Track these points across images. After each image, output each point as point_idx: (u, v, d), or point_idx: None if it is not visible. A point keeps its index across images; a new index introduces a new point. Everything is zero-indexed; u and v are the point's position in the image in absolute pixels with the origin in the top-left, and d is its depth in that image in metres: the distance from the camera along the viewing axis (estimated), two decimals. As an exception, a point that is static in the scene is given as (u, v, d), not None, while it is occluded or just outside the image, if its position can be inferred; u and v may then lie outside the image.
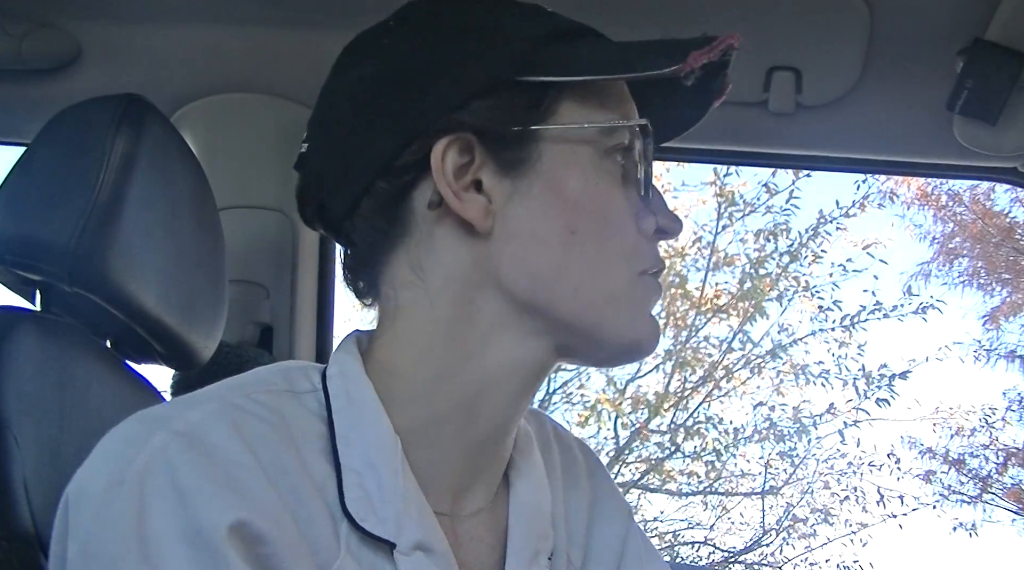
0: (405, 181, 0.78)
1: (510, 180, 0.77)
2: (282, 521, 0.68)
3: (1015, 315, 7.99)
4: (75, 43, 1.43)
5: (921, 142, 1.42)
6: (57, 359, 0.98)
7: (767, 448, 7.72)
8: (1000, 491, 7.76)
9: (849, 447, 7.64)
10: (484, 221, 0.77)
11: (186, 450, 0.67)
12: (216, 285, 1.18)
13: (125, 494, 0.65)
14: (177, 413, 0.70)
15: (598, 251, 0.78)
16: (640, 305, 0.80)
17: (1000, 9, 1.19)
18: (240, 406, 0.71)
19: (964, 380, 10.46)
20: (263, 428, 0.71)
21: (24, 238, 1.00)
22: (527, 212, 0.77)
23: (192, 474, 0.66)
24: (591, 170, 0.78)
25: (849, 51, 1.27)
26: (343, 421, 0.75)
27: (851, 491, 7.74)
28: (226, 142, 1.52)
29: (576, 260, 0.77)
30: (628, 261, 0.79)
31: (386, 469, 0.74)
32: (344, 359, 0.79)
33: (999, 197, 7.73)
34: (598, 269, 0.78)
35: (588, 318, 0.78)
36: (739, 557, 7.67)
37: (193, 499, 0.65)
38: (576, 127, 0.78)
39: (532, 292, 0.78)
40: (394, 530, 0.72)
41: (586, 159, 0.78)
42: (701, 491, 7.85)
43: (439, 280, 0.79)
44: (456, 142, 0.77)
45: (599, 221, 0.78)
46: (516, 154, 0.77)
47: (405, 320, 0.80)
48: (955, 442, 7.90)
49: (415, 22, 0.84)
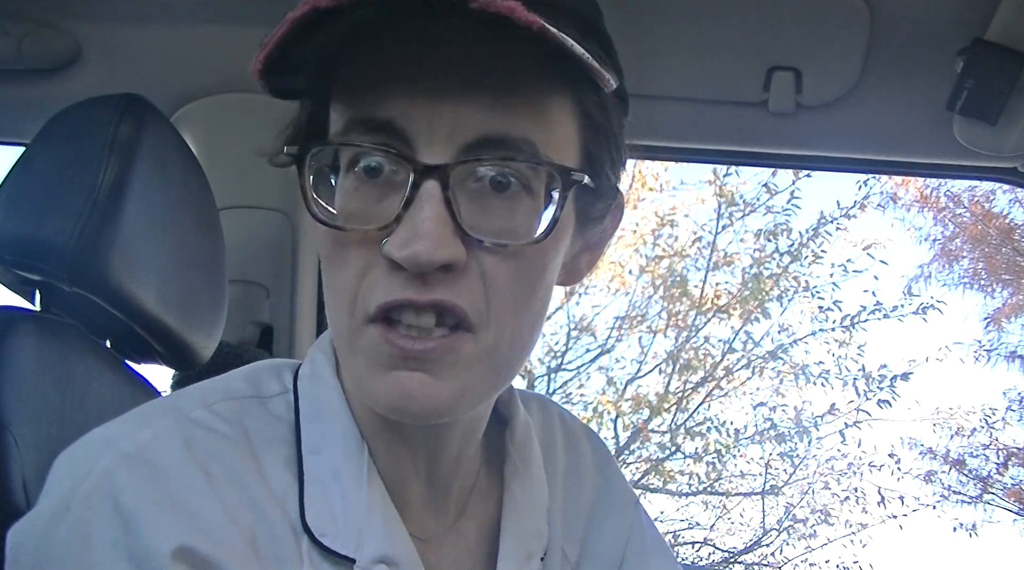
0: None
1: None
2: (233, 543, 0.65)
3: (1016, 316, 7.99)
4: (75, 43, 1.43)
5: (921, 142, 1.42)
6: (57, 359, 0.98)
7: (767, 448, 7.73)
8: (1001, 491, 7.76)
9: (849, 447, 7.64)
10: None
11: (131, 473, 0.64)
12: (216, 285, 1.18)
13: (69, 521, 0.63)
14: (128, 433, 0.67)
15: (328, 291, 0.70)
16: (366, 362, 0.67)
17: (1000, 9, 1.19)
18: (196, 420, 0.69)
19: (964, 380, 10.46)
20: (219, 443, 0.68)
21: (24, 238, 1.00)
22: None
23: (136, 498, 0.63)
24: (308, 197, 0.69)
25: (849, 51, 1.27)
26: (310, 427, 0.73)
27: (851, 491, 7.74)
28: (226, 142, 1.52)
29: (326, 297, 0.71)
30: (347, 303, 0.67)
31: (351, 480, 0.71)
32: (318, 358, 0.77)
33: (998, 198, 7.74)
34: (330, 312, 0.71)
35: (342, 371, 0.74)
36: (739, 557, 7.67)
37: (137, 523, 0.62)
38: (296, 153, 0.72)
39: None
40: (354, 545, 0.70)
41: (305, 184, 0.70)
42: (701, 491, 7.84)
43: None
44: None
45: (325, 257, 0.70)
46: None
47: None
48: (955, 442, 7.90)
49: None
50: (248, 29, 1.45)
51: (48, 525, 0.64)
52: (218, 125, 1.52)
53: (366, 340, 0.67)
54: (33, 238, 1.00)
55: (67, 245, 0.98)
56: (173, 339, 1.09)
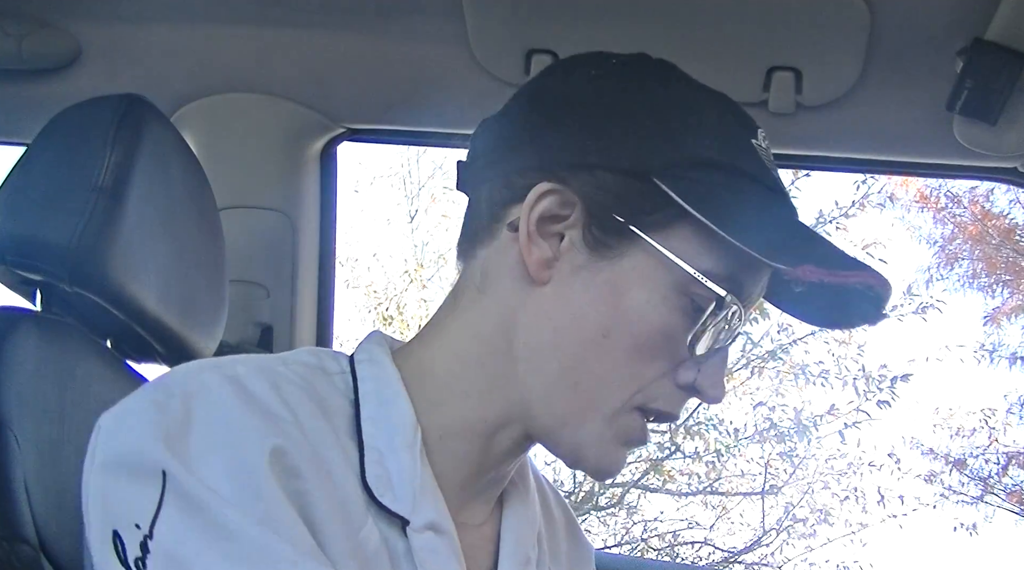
0: (517, 191, 0.79)
1: (588, 255, 0.77)
2: (318, 466, 0.71)
3: (1015, 316, 7.99)
4: (75, 43, 1.43)
5: (921, 142, 1.42)
6: (57, 359, 0.98)
7: (767, 448, 7.72)
8: (1001, 492, 7.76)
9: (849, 447, 7.64)
10: (538, 271, 0.78)
11: (232, 389, 0.70)
12: (216, 285, 1.18)
13: (173, 406, 0.69)
14: (224, 363, 0.74)
15: (615, 367, 0.77)
16: (614, 435, 0.79)
17: (1000, 9, 1.19)
18: (279, 372, 0.74)
19: (964, 381, 10.46)
20: (300, 393, 0.74)
21: (24, 238, 1.01)
22: (582, 293, 0.77)
23: (237, 407, 0.69)
24: (658, 295, 0.76)
25: (849, 51, 1.27)
26: (369, 403, 0.78)
27: (851, 491, 7.74)
28: (226, 142, 1.52)
29: (592, 363, 0.77)
30: (632, 389, 0.78)
31: (405, 452, 0.76)
32: (372, 349, 0.82)
33: (998, 199, 7.74)
34: (604, 381, 0.78)
35: (560, 416, 0.79)
36: (739, 557, 7.66)
37: (236, 425, 0.68)
38: (667, 254, 0.76)
39: (537, 365, 0.78)
40: (409, 508, 0.75)
41: (661, 284, 0.76)
42: (701, 491, 7.84)
43: (493, 299, 0.80)
44: (558, 194, 0.77)
45: (634, 342, 0.77)
46: (607, 239, 0.77)
47: (457, 322, 0.82)
48: (955, 442, 7.90)
49: (633, 73, 0.83)
50: (248, 29, 1.46)
51: (148, 408, 0.69)
52: (218, 125, 1.52)
53: (628, 421, 0.79)
54: (34, 238, 1.00)
55: (67, 245, 0.98)
56: (173, 339, 1.09)
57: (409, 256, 8.11)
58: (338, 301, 1.67)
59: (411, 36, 1.39)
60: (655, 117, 0.79)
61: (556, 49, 1.32)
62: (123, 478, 0.67)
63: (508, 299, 0.80)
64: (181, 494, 0.65)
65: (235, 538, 0.64)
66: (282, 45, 1.44)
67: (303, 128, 1.54)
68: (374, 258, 8.11)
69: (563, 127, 0.80)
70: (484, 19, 1.31)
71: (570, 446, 0.80)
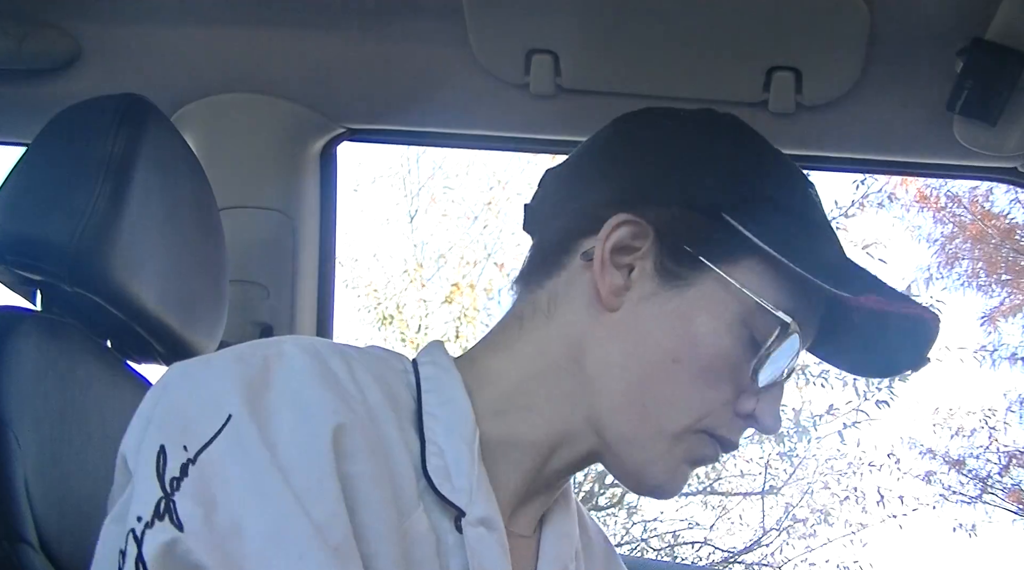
0: (593, 223, 0.83)
1: (658, 284, 0.82)
2: (377, 449, 0.73)
3: (1014, 316, 7.99)
4: (75, 43, 1.42)
5: (921, 142, 1.42)
6: (57, 359, 0.98)
7: (767, 448, 7.73)
8: (1001, 492, 7.76)
9: (849, 447, 7.64)
10: (610, 298, 0.82)
11: (311, 361, 0.72)
12: (216, 285, 1.18)
13: (255, 364, 0.71)
14: (303, 338, 0.77)
15: (682, 390, 0.81)
16: (678, 454, 0.82)
17: (1000, 9, 1.19)
18: (354, 356, 0.77)
19: (964, 381, 10.46)
20: (371, 379, 0.76)
21: (24, 238, 1.01)
22: (651, 319, 0.82)
23: (313, 378, 0.71)
24: (724, 324, 0.81)
25: (849, 51, 1.27)
26: (431, 399, 0.80)
27: (851, 491, 7.75)
28: (226, 142, 1.52)
29: (660, 384, 0.81)
30: (698, 413, 0.81)
31: (465, 448, 0.78)
32: (436, 353, 0.85)
33: (998, 198, 7.74)
34: (671, 402, 0.81)
35: (627, 436, 0.82)
36: (739, 557, 7.67)
37: (309, 394, 0.70)
38: (734, 283, 0.81)
39: (606, 383, 0.82)
40: (466, 501, 0.76)
41: (727, 313, 0.81)
42: (701, 491, 7.85)
43: (560, 322, 0.84)
44: (633, 225, 0.82)
45: (702, 367, 0.81)
46: (677, 269, 0.82)
47: (522, 340, 0.85)
48: (955, 443, 7.90)
49: (705, 122, 0.90)
50: (248, 29, 1.46)
51: (224, 363, 0.71)
52: (218, 125, 1.52)
53: (695, 443, 0.82)
54: (34, 238, 1.00)
55: (68, 245, 0.98)
56: (173, 339, 1.09)
57: (409, 256, 8.12)
58: (338, 301, 1.67)
59: (411, 36, 1.39)
60: (727, 160, 0.86)
61: (556, 49, 1.32)
62: (192, 405, 0.68)
63: (578, 322, 0.84)
64: (237, 440, 0.66)
65: (268, 501, 0.65)
66: (282, 45, 1.44)
67: (303, 128, 1.54)
68: (374, 258, 8.12)
69: (641, 166, 0.86)
70: (484, 19, 1.31)
71: (635, 464, 0.83)
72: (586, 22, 1.29)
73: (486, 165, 8.69)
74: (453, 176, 8.71)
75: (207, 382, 0.70)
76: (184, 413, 0.68)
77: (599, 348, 0.82)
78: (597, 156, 0.90)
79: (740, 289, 0.80)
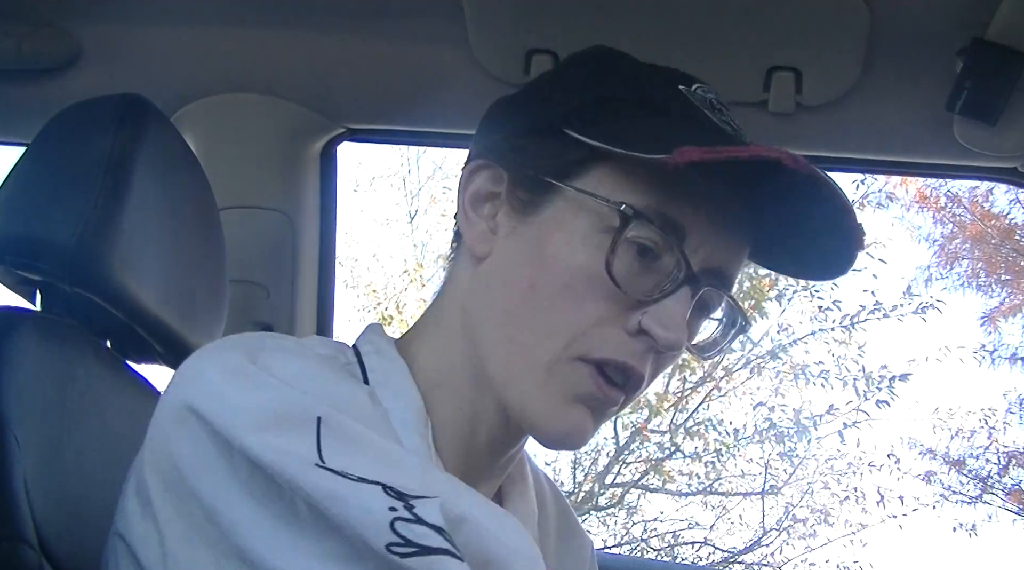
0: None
1: (517, 218, 0.80)
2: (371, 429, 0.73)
3: (1014, 316, 7.99)
4: (75, 43, 1.42)
5: (921, 142, 1.42)
6: (57, 359, 0.98)
7: (767, 448, 7.73)
8: (1001, 492, 7.76)
9: (849, 447, 7.64)
10: (477, 245, 0.81)
11: (304, 352, 0.75)
12: (216, 285, 1.18)
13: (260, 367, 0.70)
14: (277, 336, 0.80)
15: (544, 315, 0.77)
16: (558, 389, 0.77)
17: (1000, 9, 1.19)
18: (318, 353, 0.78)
19: (964, 381, 10.46)
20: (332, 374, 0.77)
21: (24, 238, 1.00)
22: (512, 253, 0.79)
23: (319, 365, 0.73)
24: (577, 236, 0.77)
25: (849, 51, 1.27)
26: (380, 392, 0.78)
27: (851, 491, 7.74)
28: (226, 142, 1.52)
29: (522, 315, 0.78)
30: (564, 336, 0.76)
31: (419, 440, 0.77)
32: (376, 340, 0.83)
33: (998, 198, 7.74)
34: (533, 329, 0.77)
35: (504, 375, 0.79)
36: (739, 557, 7.66)
37: (329, 376, 0.73)
38: (571, 189, 0.77)
39: (480, 331, 0.80)
40: (419, 485, 0.75)
41: (579, 226, 0.77)
42: (701, 491, 7.84)
43: (449, 289, 0.85)
44: (486, 168, 0.82)
45: (559, 287, 0.76)
46: (530, 197, 0.79)
47: (427, 317, 0.86)
48: (955, 443, 7.90)
49: (565, 62, 0.90)
50: (248, 29, 1.46)
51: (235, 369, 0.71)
52: (218, 125, 1.52)
53: (571, 373, 0.76)
54: (34, 238, 1.00)
55: (68, 245, 0.98)
56: (173, 339, 1.09)
57: (408, 256, 8.11)
58: (338, 301, 1.67)
59: (411, 36, 1.39)
60: (569, 79, 0.85)
61: (556, 49, 1.32)
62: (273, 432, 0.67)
63: (460, 283, 0.83)
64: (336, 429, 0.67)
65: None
66: (282, 45, 1.44)
67: (303, 128, 1.54)
68: (374, 258, 8.11)
69: (493, 118, 0.86)
70: (484, 19, 1.31)
71: (520, 408, 0.78)
72: (586, 22, 1.29)
73: (486, 165, 8.67)
74: (452, 176, 8.72)
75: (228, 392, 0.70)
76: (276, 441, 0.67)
77: (475, 299, 0.81)
78: (477, 127, 0.89)
79: (582, 195, 0.76)
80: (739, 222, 0.80)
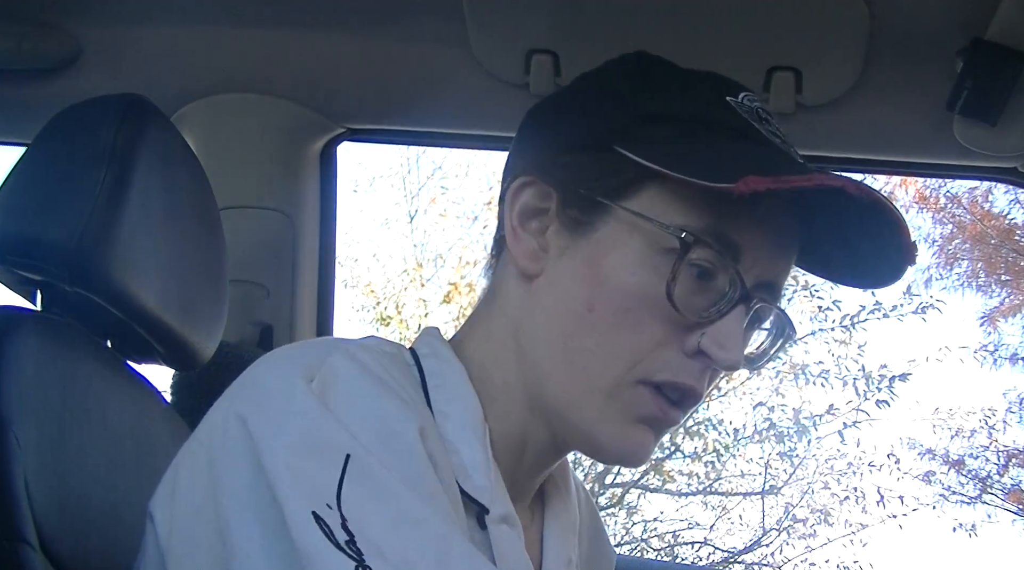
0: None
1: (569, 237, 0.79)
2: (438, 449, 0.72)
3: (1014, 316, 7.99)
4: (75, 43, 1.43)
5: (921, 142, 1.42)
6: (57, 359, 0.98)
7: (767, 448, 7.72)
8: (1001, 492, 7.76)
9: (849, 447, 7.64)
10: (528, 264, 0.80)
11: (363, 372, 0.71)
12: (216, 285, 1.18)
13: (311, 391, 0.68)
14: (342, 343, 0.74)
15: (603, 339, 0.76)
16: (620, 411, 0.77)
17: (1000, 9, 1.19)
18: (380, 351, 0.76)
19: (964, 381, 10.46)
20: (395, 375, 0.74)
21: (24, 238, 1.00)
22: (566, 273, 0.79)
23: (375, 389, 0.70)
24: (632, 258, 0.76)
25: (849, 51, 1.27)
26: (439, 396, 0.78)
27: (851, 491, 7.74)
28: (226, 142, 1.52)
29: (581, 338, 0.77)
30: (626, 361, 0.76)
31: (478, 445, 0.77)
32: (434, 344, 0.83)
33: (997, 199, 7.74)
34: (594, 354, 0.77)
35: (564, 399, 0.78)
36: (739, 557, 7.66)
37: (382, 405, 0.69)
38: (626, 211, 0.76)
39: (536, 352, 0.80)
40: (488, 498, 0.75)
41: (634, 247, 0.76)
42: (701, 491, 7.84)
43: (499, 304, 0.83)
44: (533, 185, 0.80)
45: (617, 310, 0.76)
46: (581, 216, 0.78)
47: (481, 329, 0.84)
48: (955, 443, 7.90)
49: (599, 71, 0.86)
50: (248, 29, 1.46)
51: (289, 391, 0.68)
52: (218, 125, 1.52)
53: (633, 396, 0.76)
54: (34, 238, 1.00)
55: (68, 245, 0.98)
56: (174, 339, 1.09)
57: (408, 256, 8.11)
58: (338, 301, 1.67)
59: (411, 36, 1.39)
60: (616, 91, 0.82)
61: (556, 49, 1.32)
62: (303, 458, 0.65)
63: (511, 300, 0.82)
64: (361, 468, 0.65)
65: (420, 527, 0.64)
66: (282, 45, 1.44)
67: (303, 128, 1.54)
68: (373, 258, 8.11)
69: (539, 128, 0.85)
70: (484, 19, 1.31)
71: (580, 431, 0.79)
72: (586, 22, 1.29)
73: (486, 165, 8.69)
74: (452, 176, 8.72)
75: (290, 414, 0.67)
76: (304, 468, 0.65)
77: (528, 319, 0.80)
78: (515, 137, 0.88)
79: (636, 217, 0.75)
80: (792, 237, 0.81)
